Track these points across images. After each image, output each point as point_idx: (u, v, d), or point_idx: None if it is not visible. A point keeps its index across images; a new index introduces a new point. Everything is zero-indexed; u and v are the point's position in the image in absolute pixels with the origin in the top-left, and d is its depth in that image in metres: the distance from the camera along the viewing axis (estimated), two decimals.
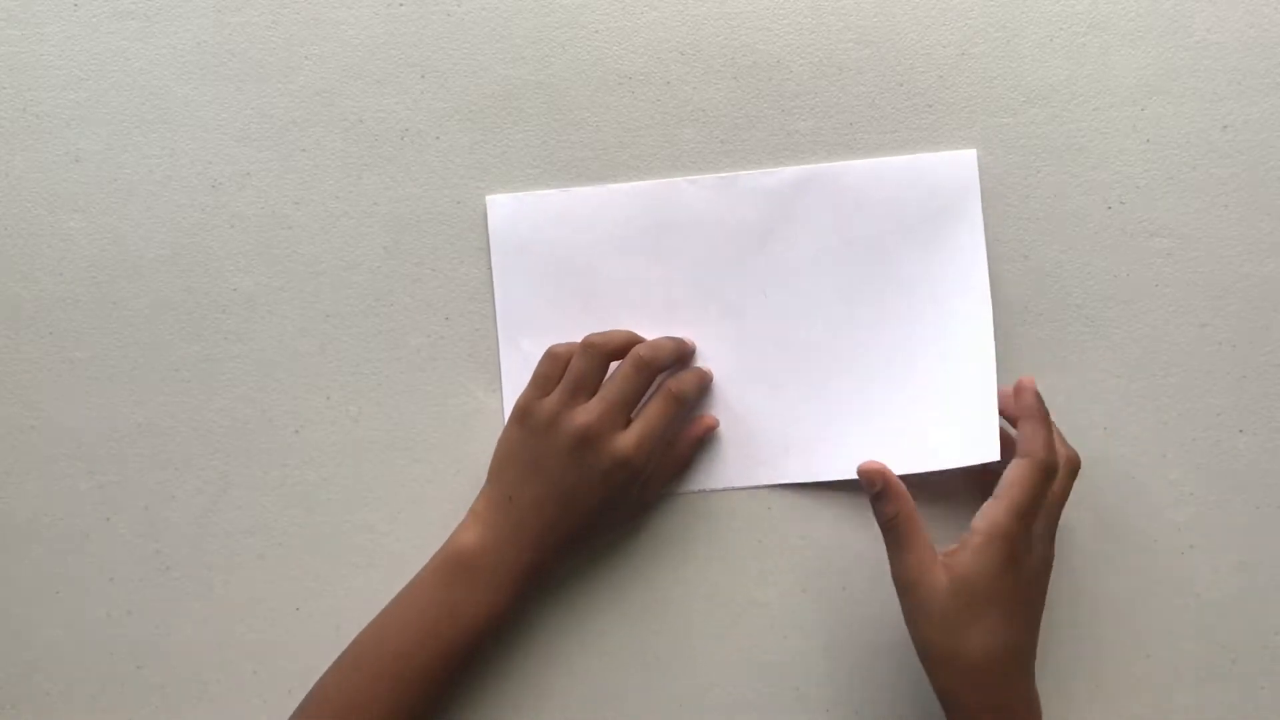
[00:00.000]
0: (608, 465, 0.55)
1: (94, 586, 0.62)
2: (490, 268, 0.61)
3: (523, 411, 0.57)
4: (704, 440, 0.59)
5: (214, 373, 0.62)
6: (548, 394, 0.57)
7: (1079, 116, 0.59)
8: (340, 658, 0.56)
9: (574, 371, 0.56)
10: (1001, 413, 0.56)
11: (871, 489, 0.52)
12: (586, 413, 0.55)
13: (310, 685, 0.56)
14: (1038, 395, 0.52)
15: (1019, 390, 0.53)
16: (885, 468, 0.52)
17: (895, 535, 0.51)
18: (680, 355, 0.59)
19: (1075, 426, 0.58)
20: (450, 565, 0.56)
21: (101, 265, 0.62)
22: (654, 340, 0.58)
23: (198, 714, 0.61)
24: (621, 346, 0.57)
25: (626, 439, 0.55)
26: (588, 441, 0.55)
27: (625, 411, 0.56)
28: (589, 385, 0.56)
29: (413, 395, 0.60)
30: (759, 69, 0.60)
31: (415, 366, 0.61)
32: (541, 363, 0.58)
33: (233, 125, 0.62)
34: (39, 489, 0.62)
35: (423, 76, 0.61)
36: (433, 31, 0.61)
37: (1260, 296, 0.58)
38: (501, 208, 0.60)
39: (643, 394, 0.57)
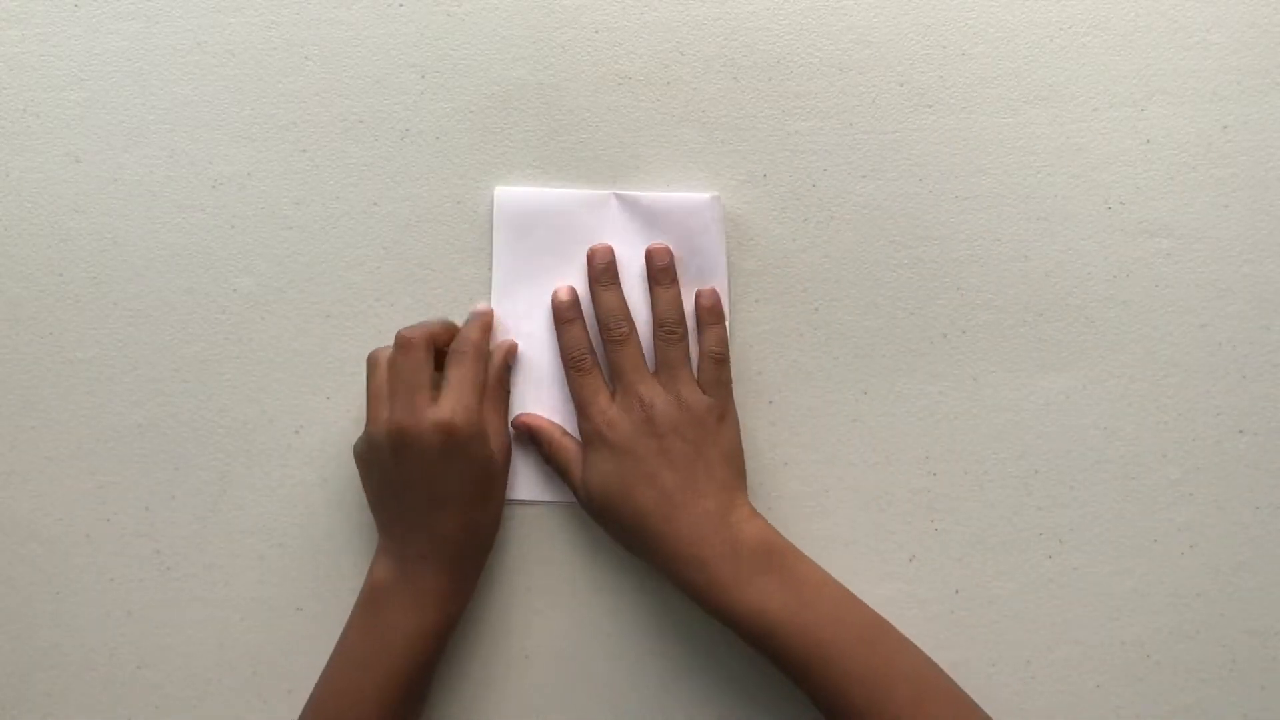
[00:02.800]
0: (433, 440, 0.54)
1: (94, 586, 0.62)
2: (490, 267, 0.61)
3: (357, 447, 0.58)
4: (509, 364, 0.59)
5: (214, 373, 0.62)
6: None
7: (1079, 116, 0.59)
8: (302, 713, 0.55)
9: (379, 388, 0.57)
10: None
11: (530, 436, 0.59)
12: (387, 411, 0.55)
13: (309, 686, 0.56)
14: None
15: None
16: (530, 418, 0.59)
17: (557, 465, 0.58)
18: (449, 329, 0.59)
19: (1075, 426, 0.58)
20: (369, 598, 0.56)
21: (101, 265, 0.62)
22: (416, 324, 0.58)
23: (198, 714, 0.61)
24: (427, 339, 0.57)
25: (437, 409, 0.55)
26: (402, 433, 0.55)
27: (421, 392, 0.55)
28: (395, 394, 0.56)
29: None
30: (759, 69, 0.60)
31: None
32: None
33: (233, 125, 0.62)
34: (39, 489, 0.62)
35: (423, 76, 0.61)
36: (433, 31, 0.61)
37: (1260, 296, 0.58)
38: (509, 200, 0.60)
39: (430, 371, 0.56)
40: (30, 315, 0.62)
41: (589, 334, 0.59)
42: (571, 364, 0.58)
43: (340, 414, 0.61)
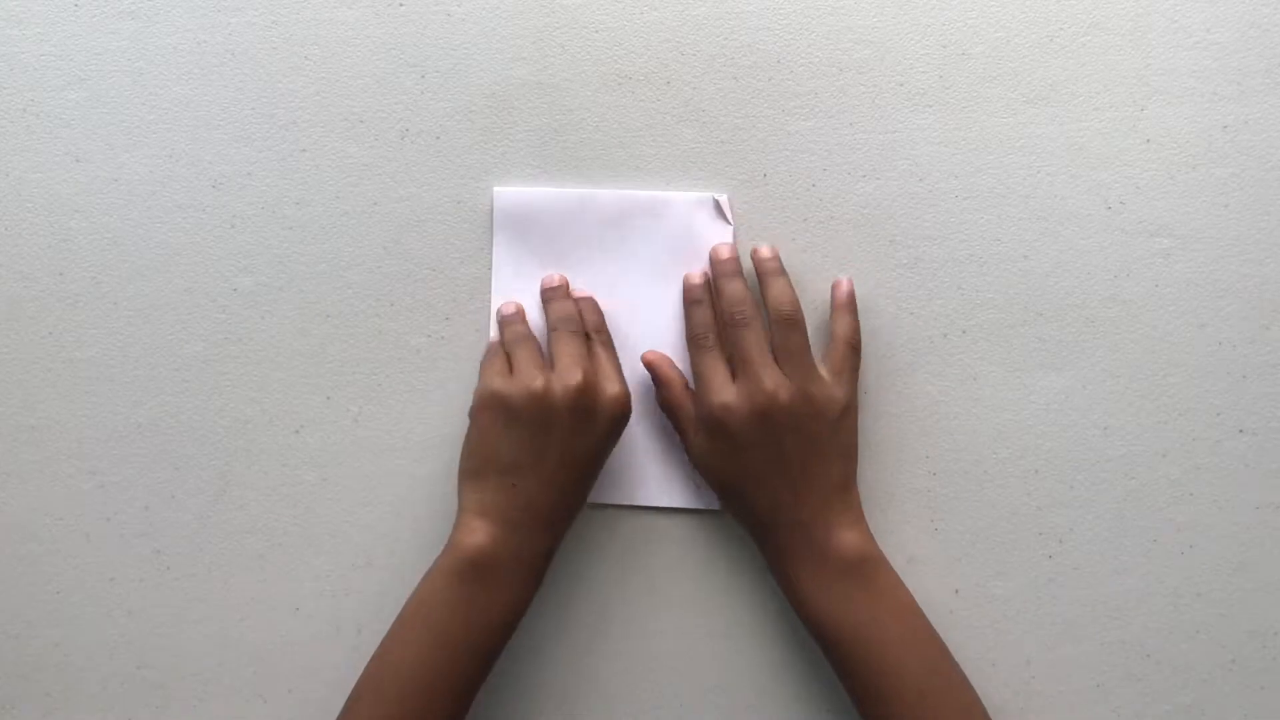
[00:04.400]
0: (611, 412, 0.56)
1: (94, 586, 0.62)
2: (491, 267, 0.61)
3: (494, 398, 0.56)
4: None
5: (214, 373, 0.62)
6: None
7: (1079, 116, 0.59)
8: (357, 688, 0.54)
9: (527, 352, 0.57)
10: None
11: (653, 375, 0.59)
12: (576, 374, 0.55)
13: (309, 685, 0.56)
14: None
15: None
16: (656, 357, 0.59)
17: (673, 419, 0.59)
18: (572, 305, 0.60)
19: (1075, 426, 0.58)
20: (467, 570, 0.54)
21: (101, 265, 0.62)
22: (557, 306, 0.59)
23: (198, 714, 0.61)
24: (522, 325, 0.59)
25: (613, 383, 0.56)
26: (587, 397, 0.55)
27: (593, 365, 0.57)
28: (540, 361, 0.57)
29: (413, 395, 0.60)
30: (759, 69, 0.60)
31: (415, 366, 0.61)
32: (491, 356, 0.58)
33: (233, 125, 0.62)
34: (39, 489, 0.62)
35: (423, 76, 0.61)
36: (433, 31, 0.61)
37: (1260, 296, 0.58)
38: (508, 200, 0.60)
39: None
40: (30, 315, 0.62)
41: (715, 318, 0.58)
42: (694, 341, 0.58)
43: (340, 414, 0.61)
